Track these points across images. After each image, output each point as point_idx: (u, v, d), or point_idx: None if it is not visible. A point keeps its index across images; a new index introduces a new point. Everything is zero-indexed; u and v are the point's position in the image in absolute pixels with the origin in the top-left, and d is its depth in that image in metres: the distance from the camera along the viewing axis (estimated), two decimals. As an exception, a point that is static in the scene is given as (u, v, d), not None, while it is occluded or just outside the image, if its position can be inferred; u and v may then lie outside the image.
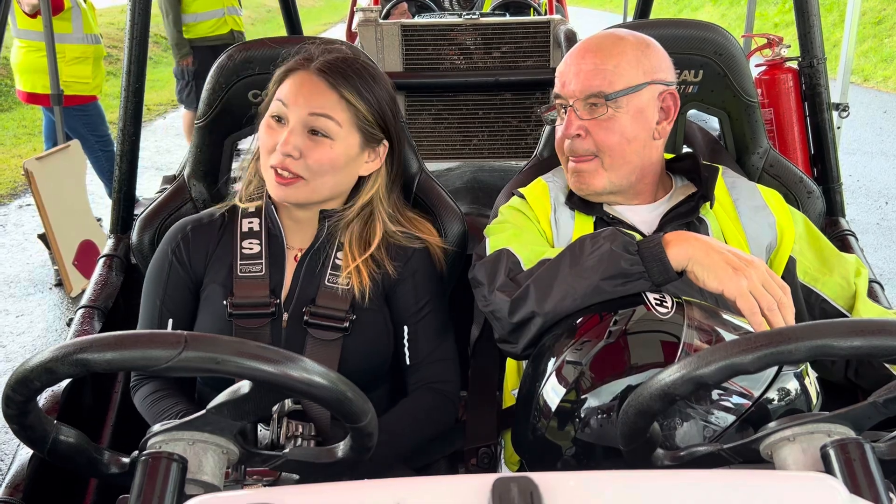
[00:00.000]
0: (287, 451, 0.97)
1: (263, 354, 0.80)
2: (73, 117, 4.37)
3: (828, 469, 0.80)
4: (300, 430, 1.20)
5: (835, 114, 3.54)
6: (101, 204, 4.78)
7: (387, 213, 1.41)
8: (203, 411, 0.87)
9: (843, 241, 1.76)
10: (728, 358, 0.80)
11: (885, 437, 0.94)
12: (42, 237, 4.02)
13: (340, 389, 0.84)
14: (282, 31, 3.17)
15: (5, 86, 8.42)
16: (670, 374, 0.84)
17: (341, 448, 0.97)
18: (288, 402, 1.26)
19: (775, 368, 1.09)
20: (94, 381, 1.56)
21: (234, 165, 1.65)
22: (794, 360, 0.80)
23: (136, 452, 0.91)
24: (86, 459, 0.96)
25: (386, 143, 1.40)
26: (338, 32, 14.54)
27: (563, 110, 1.39)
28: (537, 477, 0.66)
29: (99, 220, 4.36)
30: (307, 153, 1.28)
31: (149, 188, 4.62)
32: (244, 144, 1.58)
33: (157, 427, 0.90)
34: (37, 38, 4.33)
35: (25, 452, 1.30)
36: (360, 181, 1.41)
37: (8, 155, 6.62)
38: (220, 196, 1.65)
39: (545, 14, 5.02)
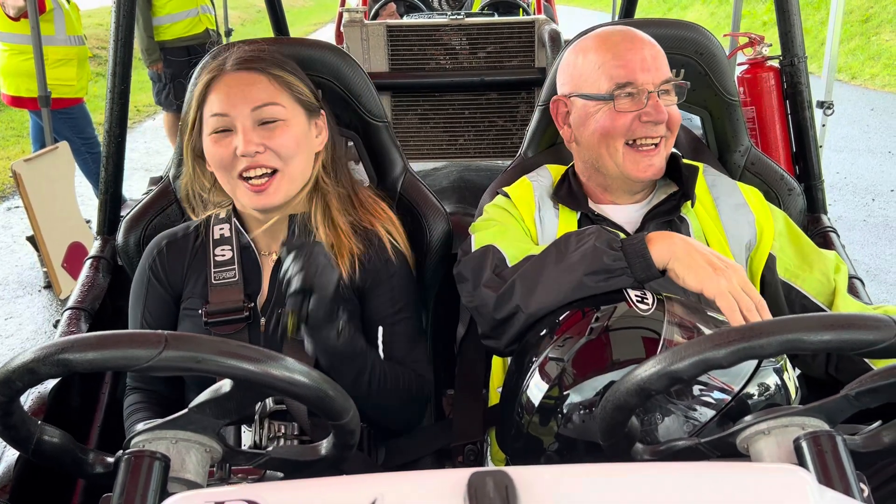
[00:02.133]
0: (270, 449, 0.97)
1: (244, 353, 0.81)
2: (58, 120, 4.34)
3: (800, 461, 0.82)
4: (283, 430, 1.21)
5: (819, 111, 3.57)
6: (89, 206, 4.76)
7: (336, 192, 1.40)
8: (185, 410, 0.88)
9: (824, 238, 1.78)
10: (701, 353, 0.82)
11: (863, 430, 0.96)
12: (31, 239, 4.01)
13: (321, 387, 0.85)
14: (270, 32, 3.17)
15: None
16: (646, 370, 0.85)
17: (324, 446, 0.98)
18: (270, 403, 1.27)
19: (754, 364, 1.11)
20: (81, 383, 1.56)
21: None
22: (766, 355, 0.81)
23: (120, 452, 0.92)
24: (70, 459, 0.97)
25: (323, 113, 1.40)
26: (328, 32, 14.52)
27: (628, 98, 1.37)
28: (513, 471, 0.67)
29: (88, 221, 4.35)
30: (269, 143, 1.28)
31: (139, 189, 4.61)
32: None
33: (140, 426, 0.90)
34: (19, 41, 4.31)
35: (11, 454, 1.30)
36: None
37: (-5, 157, 6.59)
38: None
39: (533, 13, 5.04)
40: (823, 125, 3.60)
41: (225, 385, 0.86)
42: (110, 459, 0.96)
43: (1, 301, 3.97)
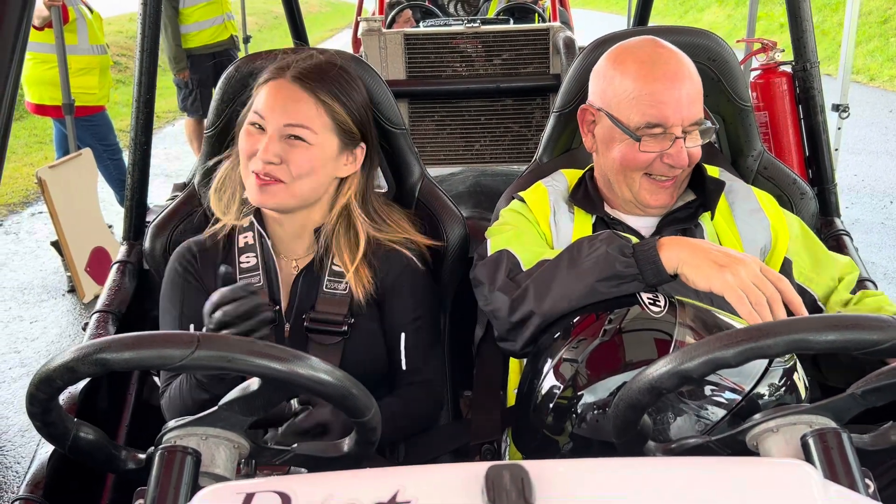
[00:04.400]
0: (295, 446, 1.01)
1: (272, 353, 0.85)
2: (81, 127, 4.43)
3: (807, 457, 0.84)
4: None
5: (835, 115, 3.58)
6: (111, 211, 4.84)
7: (365, 214, 1.45)
8: (215, 408, 0.92)
9: (838, 241, 1.80)
10: (711, 353, 0.84)
11: (872, 430, 0.99)
12: (55, 244, 4.09)
13: (346, 385, 0.89)
14: (288, 38, 3.23)
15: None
16: (657, 369, 0.88)
17: (347, 442, 1.01)
18: (294, 403, 1.31)
19: (765, 364, 1.13)
20: (109, 383, 1.61)
21: None
22: (773, 354, 0.84)
23: (153, 448, 0.96)
24: (104, 455, 1.01)
25: (363, 145, 1.44)
26: (344, 38, 14.61)
27: (654, 139, 1.38)
28: (529, 465, 0.70)
29: (110, 226, 4.43)
30: (287, 158, 1.33)
31: (160, 195, 4.68)
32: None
33: (171, 423, 0.94)
34: (42, 49, 4.40)
35: (44, 452, 1.35)
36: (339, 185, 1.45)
37: (20, 164, 6.70)
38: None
39: (549, 18, 5.07)
40: (839, 128, 3.60)
41: (253, 384, 0.90)
42: (141, 456, 1.00)
43: (26, 305, 4.06)
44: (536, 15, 5.03)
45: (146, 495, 0.87)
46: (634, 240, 1.28)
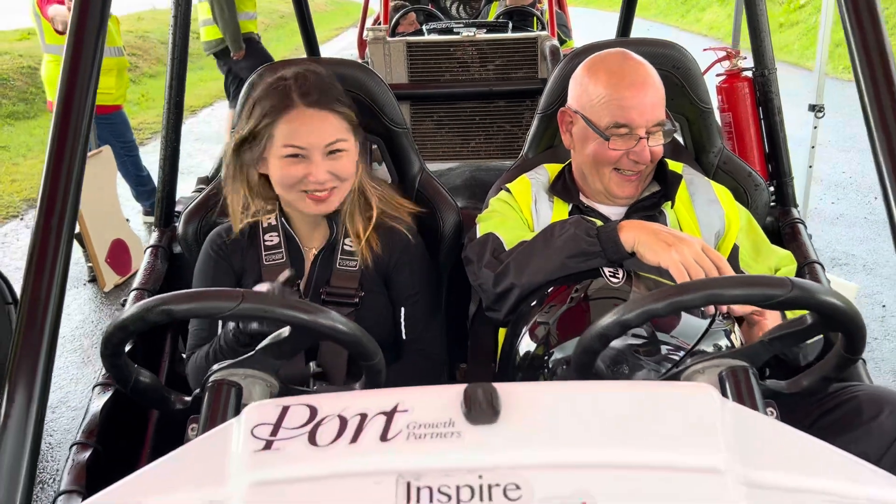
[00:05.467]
0: (316, 388, 1.24)
1: (301, 307, 1.08)
2: (99, 126, 4.66)
3: (722, 388, 1.07)
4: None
5: (811, 114, 3.80)
6: (127, 206, 5.06)
7: (372, 187, 1.66)
8: (252, 352, 1.15)
9: (793, 229, 2.01)
10: (645, 305, 1.07)
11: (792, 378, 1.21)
12: (77, 236, 4.32)
13: (357, 333, 1.12)
14: (294, 36, 3.45)
15: (31, 94, 8.78)
16: (605, 320, 1.11)
17: (358, 386, 1.24)
18: (312, 366, 1.54)
19: (706, 325, 1.35)
20: (144, 355, 1.83)
21: None
22: (694, 306, 1.07)
23: (198, 390, 1.19)
24: (158, 396, 1.24)
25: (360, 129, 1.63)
26: (350, 36, 14.82)
27: (621, 138, 1.59)
28: (498, 385, 0.93)
29: (127, 220, 4.66)
30: (334, 169, 1.53)
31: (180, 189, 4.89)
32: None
33: (216, 366, 1.17)
34: (61, 52, 4.62)
35: (96, 405, 1.57)
36: None
37: (36, 161, 6.94)
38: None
39: (547, 21, 5.28)
40: (815, 127, 3.81)
41: (284, 332, 1.12)
42: (187, 398, 1.23)
43: (50, 294, 4.28)
44: (535, 18, 5.22)
45: (199, 420, 1.10)
46: (600, 223, 1.51)
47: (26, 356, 1.02)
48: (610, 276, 1.41)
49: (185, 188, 2.87)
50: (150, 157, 6.60)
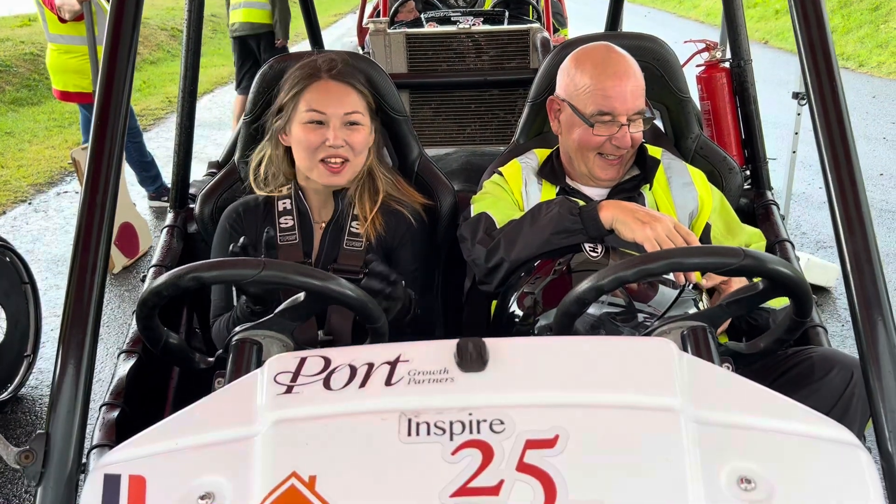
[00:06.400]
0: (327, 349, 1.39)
1: (315, 274, 1.23)
2: (104, 112, 4.79)
3: (683, 345, 1.22)
4: None
5: (794, 102, 3.94)
6: (131, 191, 5.20)
7: (382, 171, 1.82)
8: (270, 315, 1.30)
9: (766, 209, 2.16)
10: (616, 273, 1.22)
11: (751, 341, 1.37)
12: (86, 221, 4.45)
13: (363, 298, 1.26)
14: (295, 20, 3.56)
15: (34, 80, 8.89)
16: (583, 286, 1.26)
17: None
18: (321, 334, 1.69)
19: (675, 294, 1.51)
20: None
21: None
22: (659, 273, 1.21)
23: (221, 350, 1.34)
24: (184, 356, 1.39)
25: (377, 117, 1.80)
26: (348, 22, 14.89)
27: (604, 125, 1.72)
28: (487, 339, 1.08)
29: (133, 204, 4.79)
30: (349, 139, 1.70)
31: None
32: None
33: (238, 328, 1.32)
34: (66, 41, 4.75)
35: (122, 369, 1.72)
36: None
37: (42, 146, 7.07)
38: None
39: (542, 10, 5.41)
40: (798, 114, 3.95)
41: (300, 297, 1.27)
42: (210, 359, 1.39)
43: (60, 275, 4.43)
44: (530, 7, 5.33)
45: (225, 374, 1.25)
46: (582, 203, 1.65)
47: (76, 325, 1.14)
48: (590, 250, 1.56)
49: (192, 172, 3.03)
50: (154, 143, 6.78)
